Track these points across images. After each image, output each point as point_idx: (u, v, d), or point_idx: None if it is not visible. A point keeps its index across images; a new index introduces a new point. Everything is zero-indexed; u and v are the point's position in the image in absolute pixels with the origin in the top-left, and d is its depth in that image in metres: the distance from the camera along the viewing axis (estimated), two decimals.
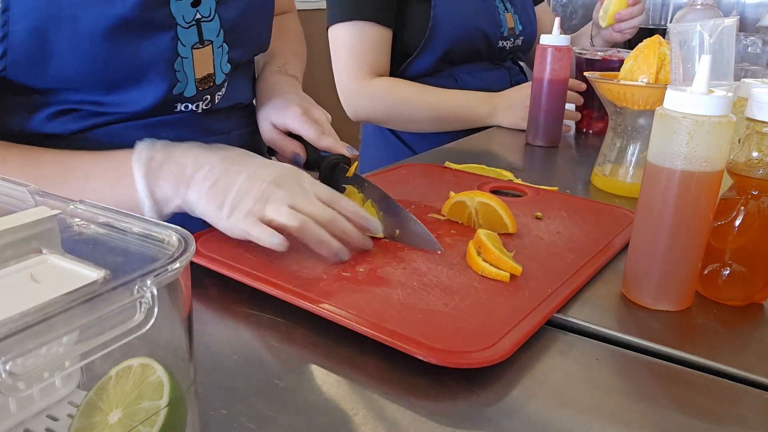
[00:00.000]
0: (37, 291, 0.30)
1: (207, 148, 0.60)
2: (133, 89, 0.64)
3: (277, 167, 0.59)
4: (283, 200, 0.56)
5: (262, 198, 0.56)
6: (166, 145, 0.60)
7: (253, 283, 0.53)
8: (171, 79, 0.65)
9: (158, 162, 0.58)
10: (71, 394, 0.36)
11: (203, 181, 0.57)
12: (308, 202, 0.57)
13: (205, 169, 0.57)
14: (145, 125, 0.68)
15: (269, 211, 0.56)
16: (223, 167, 0.58)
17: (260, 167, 0.58)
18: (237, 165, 0.58)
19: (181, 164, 0.58)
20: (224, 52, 0.70)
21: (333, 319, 0.48)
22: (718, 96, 0.47)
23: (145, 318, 0.29)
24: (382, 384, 0.44)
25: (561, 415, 0.41)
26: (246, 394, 0.42)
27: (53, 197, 0.36)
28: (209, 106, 0.72)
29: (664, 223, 0.50)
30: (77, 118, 0.65)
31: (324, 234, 0.56)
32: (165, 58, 0.64)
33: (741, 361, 0.46)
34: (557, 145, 1.08)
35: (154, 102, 0.66)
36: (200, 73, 0.68)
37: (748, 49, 1.10)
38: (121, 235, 0.34)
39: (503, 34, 1.27)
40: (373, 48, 1.17)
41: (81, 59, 0.60)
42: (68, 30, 0.58)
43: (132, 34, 0.61)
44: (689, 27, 0.54)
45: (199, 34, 0.66)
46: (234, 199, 0.56)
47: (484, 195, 0.67)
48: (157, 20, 0.62)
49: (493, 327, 0.47)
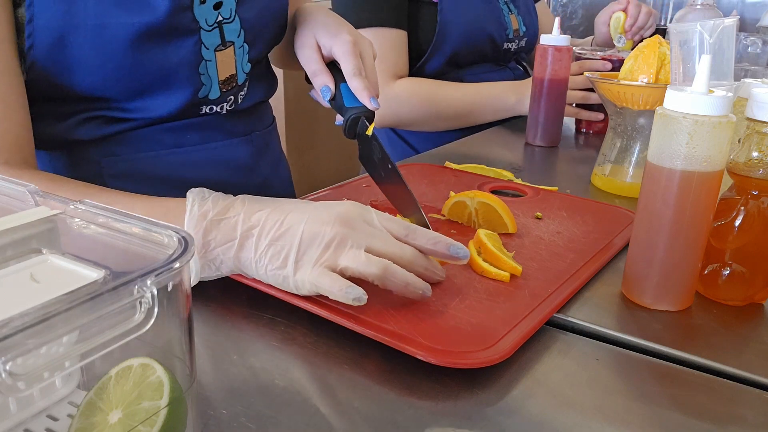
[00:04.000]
0: (37, 291, 0.30)
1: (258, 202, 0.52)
2: (158, 95, 0.65)
3: (339, 205, 0.51)
4: (356, 244, 0.48)
5: (330, 244, 0.48)
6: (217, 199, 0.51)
7: (253, 284, 0.53)
8: (196, 82, 0.66)
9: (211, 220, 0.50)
10: (71, 394, 0.36)
11: (258, 240, 0.49)
12: (384, 243, 0.49)
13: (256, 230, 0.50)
14: (170, 128, 0.68)
15: (343, 259, 0.48)
16: (279, 218, 0.50)
17: (319, 210, 0.50)
18: (294, 213, 0.50)
19: (232, 223, 0.50)
20: (245, 52, 0.71)
21: (333, 319, 0.48)
22: (718, 96, 0.47)
23: (145, 318, 0.29)
24: (382, 384, 0.44)
25: (561, 415, 0.41)
26: (246, 394, 0.42)
27: (53, 197, 0.36)
28: (233, 107, 0.73)
29: (664, 223, 0.50)
30: (104, 124, 0.65)
31: (409, 276, 0.49)
32: (189, 62, 0.64)
33: (741, 361, 0.46)
34: (557, 145, 1.08)
35: (180, 106, 0.66)
36: (223, 75, 0.69)
37: (748, 49, 1.10)
38: (121, 235, 0.34)
39: (508, 36, 1.28)
40: (392, 51, 1.16)
41: (107, 68, 0.60)
42: (94, 40, 0.58)
43: (157, 40, 0.61)
44: (689, 27, 0.54)
45: (221, 36, 0.67)
46: (298, 251, 0.48)
47: (484, 195, 0.67)
48: (182, 25, 0.62)
49: (493, 327, 0.47)
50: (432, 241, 0.51)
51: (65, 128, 0.64)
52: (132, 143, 0.67)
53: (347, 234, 0.49)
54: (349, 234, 0.49)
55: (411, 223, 0.53)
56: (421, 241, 0.51)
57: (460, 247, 0.51)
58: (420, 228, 0.52)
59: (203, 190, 0.52)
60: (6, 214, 0.34)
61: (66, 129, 0.64)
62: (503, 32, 1.26)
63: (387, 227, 0.51)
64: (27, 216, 0.34)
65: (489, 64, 1.28)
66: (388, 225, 0.51)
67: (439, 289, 0.53)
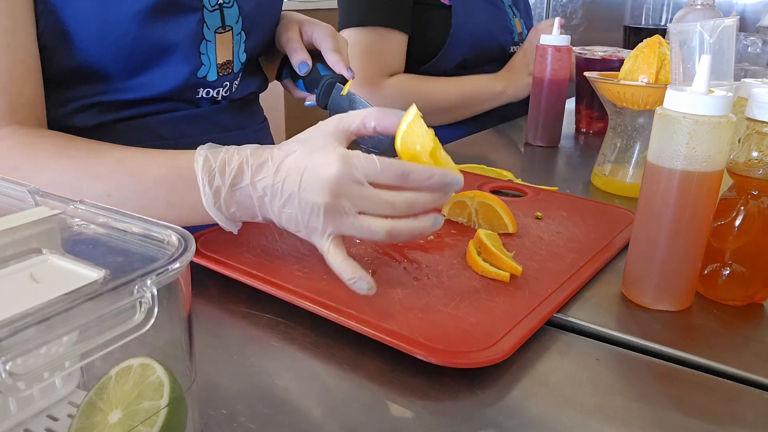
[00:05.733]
0: (37, 291, 0.30)
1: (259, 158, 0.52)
2: (157, 70, 0.66)
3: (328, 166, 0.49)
4: (350, 211, 0.49)
5: (327, 215, 0.50)
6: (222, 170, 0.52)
7: (253, 283, 0.53)
8: (196, 61, 0.68)
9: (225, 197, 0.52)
10: (71, 394, 0.36)
11: (271, 206, 0.52)
12: (374, 203, 0.50)
13: (266, 199, 0.52)
14: (166, 120, 0.70)
15: (345, 228, 0.50)
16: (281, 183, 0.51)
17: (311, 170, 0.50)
18: (292, 177, 0.50)
19: (244, 196, 0.52)
20: (242, 40, 0.73)
21: (333, 319, 0.48)
22: (718, 96, 0.47)
23: (145, 318, 0.29)
24: (382, 384, 0.44)
25: (561, 415, 0.41)
26: (246, 394, 0.42)
27: (53, 197, 0.36)
28: (228, 94, 0.75)
29: (664, 223, 0.50)
30: (101, 112, 0.67)
31: (415, 225, 0.51)
32: (191, 39, 0.67)
33: (741, 361, 0.46)
34: (557, 145, 1.08)
35: (179, 83, 0.68)
36: (221, 59, 0.71)
37: (748, 49, 1.10)
38: (121, 235, 0.34)
39: (514, 39, 1.29)
40: (387, 51, 1.17)
41: (109, 39, 0.62)
42: (99, 9, 0.60)
43: (162, 15, 0.63)
44: (689, 27, 0.54)
45: (222, 19, 0.69)
46: (302, 218, 0.51)
47: (484, 195, 0.67)
48: (186, 2, 0.65)
49: (493, 327, 0.47)
50: (425, 176, 0.50)
51: (64, 115, 0.65)
52: (128, 134, 0.68)
53: (338, 201, 0.49)
54: (340, 201, 0.49)
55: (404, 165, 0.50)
56: (415, 183, 0.50)
57: (454, 176, 0.51)
58: (412, 167, 0.50)
59: (208, 157, 0.52)
60: (6, 214, 0.34)
61: (64, 116, 0.65)
62: (509, 36, 1.28)
63: (379, 181, 0.50)
64: (27, 216, 0.34)
65: (492, 66, 1.29)
66: (379, 178, 0.50)
67: (440, 289, 0.53)
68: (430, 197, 0.51)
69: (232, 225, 0.54)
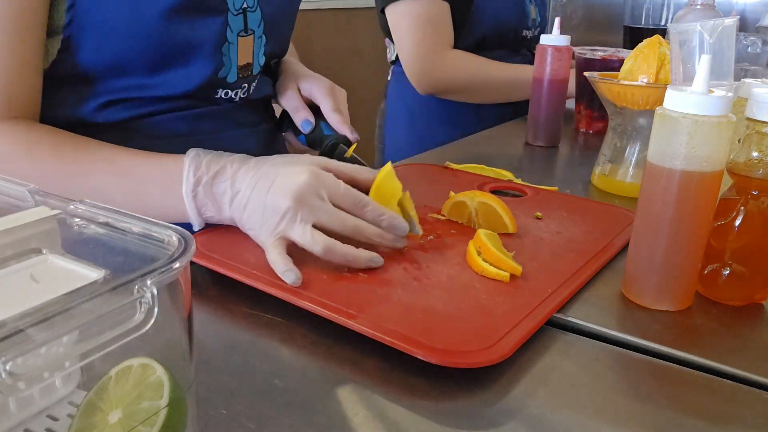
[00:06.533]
0: (37, 291, 0.30)
1: (246, 164, 0.59)
2: (181, 69, 0.68)
3: (300, 174, 0.56)
4: (305, 218, 0.55)
5: (284, 217, 0.55)
6: (209, 164, 0.58)
7: (253, 283, 0.53)
8: (218, 61, 0.69)
9: (204, 185, 0.58)
10: (71, 394, 0.36)
11: (240, 209, 0.57)
12: (329, 217, 0.55)
13: (240, 194, 0.58)
14: (185, 116, 0.72)
15: (293, 232, 0.55)
16: (254, 185, 0.57)
17: (284, 177, 0.56)
18: (263, 180, 0.57)
19: (222, 189, 0.58)
20: (262, 43, 0.75)
21: (333, 319, 0.48)
22: (718, 96, 0.47)
23: (145, 318, 0.29)
24: (382, 384, 0.44)
25: (561, 415, 0.41)
26: (246, 394, 0.42)
27: (53, 197, 0.36)
28: (246, 95, 0.76)
29: (664, 223, 0.50)
30: (124, 108, 0.68)
31: (350, 251, 0.55)
32: (215, 40, 0.68)
33: (741, 361, 0.46)
34: (557, 145, 1.08)
35: (200, 83, 0.69)
36: (242, 61, 0.73)
37: (748, 49, 1.10)
38: (121, 235, 0.34)
39: (527, 24, 1.32)
40: (444, 22, 1.19)
41: (136, 36, 0.63)
42: (128, 6, 0.61)
43: (188, 15, 0.65)
44: (689, 27, 0.54)
45: (245, 23, 0.71)
46: (262, 217, 0.56)
47: (484, 195, 0.67)
48: (213, 5, 0.67)
49: (493, 327, 0.47)
50: (378, 213, 0.57)
51: (87, 112, 0.66)
52: (147, 129, 0.70)
53: (298, 209, 0.55)
54: (299, 209, 0.55)
55: (363, 197, 0.58)
56: (369, 216, 0.57)
57: (401, 222, 0.58)
58: (369, 201, 0.58)
59: (198, 153, 0.59)
60: (6, 214, 0.34)
61: (88, 113, 0.66)
62: (525, 20, 1.31)
63: (338, 202, 0.56)
64: (27, 216, 0.34)
65: (506, 50, 1.31)
66: (339, 200, 0.57)
67: (440, 289, 0.53)
68: (377, 231, 0.57)
69: (198, 219, 0.58)
